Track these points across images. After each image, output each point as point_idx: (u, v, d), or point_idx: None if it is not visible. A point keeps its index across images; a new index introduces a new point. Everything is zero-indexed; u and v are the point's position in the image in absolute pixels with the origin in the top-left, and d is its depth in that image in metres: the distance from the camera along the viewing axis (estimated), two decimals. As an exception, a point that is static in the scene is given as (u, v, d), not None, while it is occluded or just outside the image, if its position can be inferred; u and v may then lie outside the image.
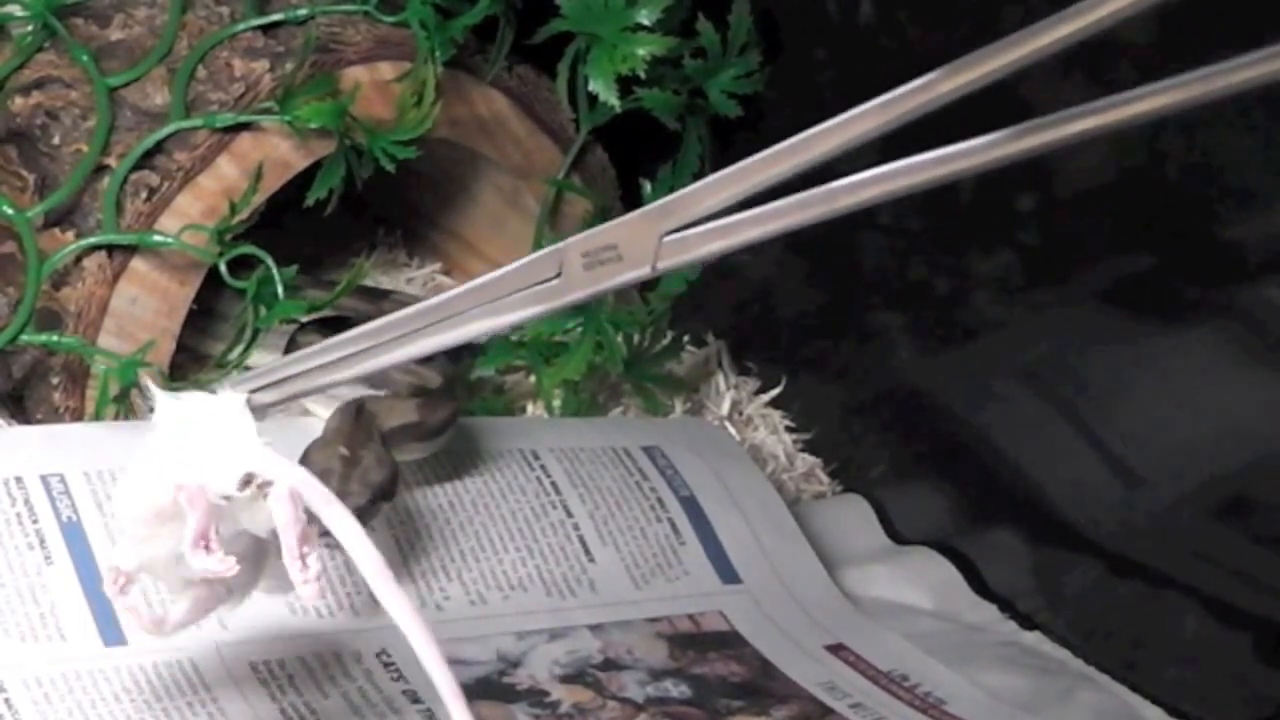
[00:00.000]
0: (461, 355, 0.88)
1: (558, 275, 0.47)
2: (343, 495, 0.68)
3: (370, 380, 0.77)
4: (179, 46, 0.83)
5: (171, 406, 0.52)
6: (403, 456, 0.75)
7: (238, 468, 0.51)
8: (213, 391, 0.53)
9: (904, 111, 0.40)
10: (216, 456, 0.51)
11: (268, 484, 0.51)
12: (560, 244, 0.47)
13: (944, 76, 0.39)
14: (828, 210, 0.43)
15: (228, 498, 0.51)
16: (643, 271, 0.46)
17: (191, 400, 0.52)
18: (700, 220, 0.45)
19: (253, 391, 0.53)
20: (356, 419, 0.73)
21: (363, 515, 0.68)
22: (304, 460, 0.69)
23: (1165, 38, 0.71)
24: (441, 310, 0.50)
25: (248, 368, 0.77)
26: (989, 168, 0.40)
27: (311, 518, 0.51)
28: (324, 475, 0.68)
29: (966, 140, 0.40)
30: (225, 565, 0.51)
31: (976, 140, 0.40)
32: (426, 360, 0.79)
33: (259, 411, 0.52)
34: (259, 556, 0.54)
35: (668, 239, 0.45)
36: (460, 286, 0.50)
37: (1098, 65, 0.72)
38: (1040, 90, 0.69)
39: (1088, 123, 0.39)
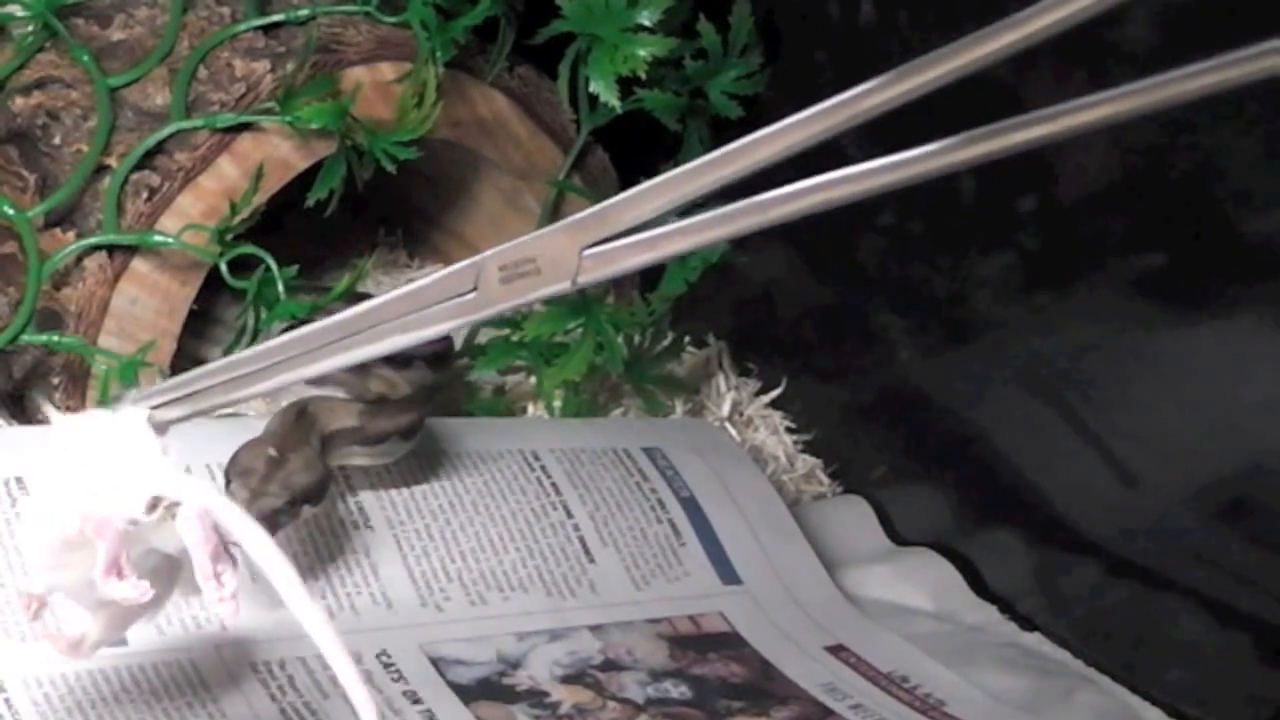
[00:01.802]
0: (448, 360, 0.88)
1: (474, 289, 0.46)
2: (260, 495, 0.67)
3: (343, 381, 0.77)
4: (180, 47, 0.83)
5: (69, 428, 0.50)
6: (344, 461, 0.75)
7: (143, 490, 0.49)
8: (113, 409, 0.51)
9: (839, 120, 0.40)
10: (121, 480, 0.49)
11: (175, 504, 0.49)
12: (478, 257, 0.46)
13: (879, 86, 0.39)
14: (759, 221, 0.42)
15: (135, 522, 0.49)
16: (562, 286, 0.44)
17: (90, 420, 0.50)
18: (624, 233, 0.44)
19: (154, 408, 0.51)
20: (296, 421, 0.72)
21: (280, 516, 0.68)
22: (233, 460, 0.69)
23: (1165, 37, 0.71)
24: (357, 323, 0.48)
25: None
26: (931, 176, 0.39)
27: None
28: (246, 475, 0.68)
29: (910, 149, 0.39)
30: (139, 591, 0.50)
31: (919, 149, 0.39)
32: (403, 365, 0.79)
33: (161, 428, 0.50)
34: (172, 568, 0.53)
35: (589, 252, 0.44)
36: (376, 299, 0.48)
37: (1098, 64, 0.72)
38: (1039, 91, 0.69)
39: (1035, 131, 0.38)
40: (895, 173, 0.39)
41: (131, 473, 0.49)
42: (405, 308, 0.47)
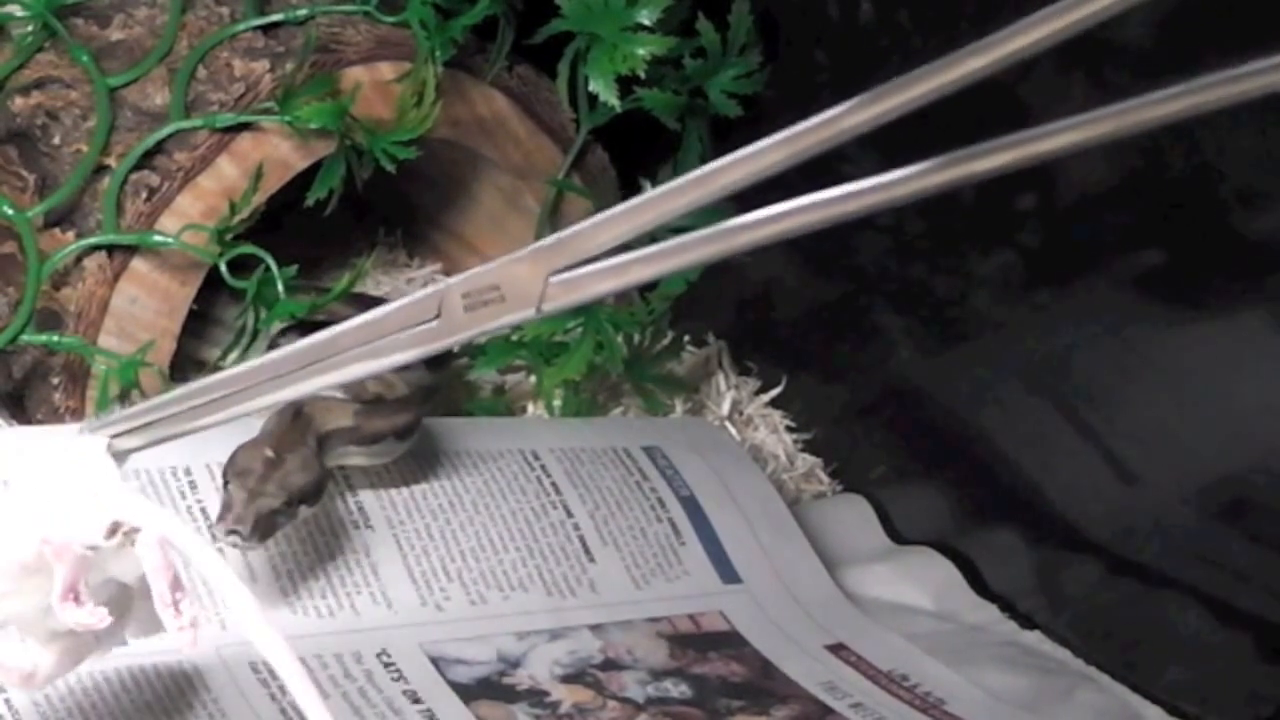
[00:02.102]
0: (446, 361, 0.88)
1: (437, 317, 0.46)
2: (257, 496, 0.67)
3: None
4: (179, 46, 0.83)
5: (27, 451, 0.50)
6: (341, 461, 0.75)
7: (103, 516, 0.49)
8: (72, 434, 0.50)
9: (810, 145, 0.39)
10: (80, 505, 0.49)
11: (135, 530, 0.49)
12: (441, 284, 0.45)
13: (851, 110, 0.39)
14: (726, 248, 0.41)
15: (94, 548, 0.49)
16: (527, 313, 0.44)
17: (49, 445, 0.50)
18: (590, 259, 0.43)
19: (114, 436, 0.51)
20: (293, 421, 0.72)
21: (277, 516, 0.68)
22: (230, 460, 0.69)
23: (1163, 39, 0.71)
24: (319, 351, 0.48)
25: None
26: (902, 202, 0.39)
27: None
28: (243, 475, 0.68)
29: (883, 174, 0.39)
30: (96, 617, 0.49)
31: (894, 174, 0.39)
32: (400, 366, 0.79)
33: (120, 456, 0.50)
34: (124, 602, 0.52)
35: (555, 279, 0.43)
36: (338, 326, 0.48)
37: (1096, 63, 0.72)
38: (1037, 89, 0.69)
39: (1007, 155, 0.38)
40: (869, 197, 0.39)
41: (91, 498, 0.49)
42: (367, 336, 0.46)
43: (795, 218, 0.40)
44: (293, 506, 0.69)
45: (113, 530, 0.49)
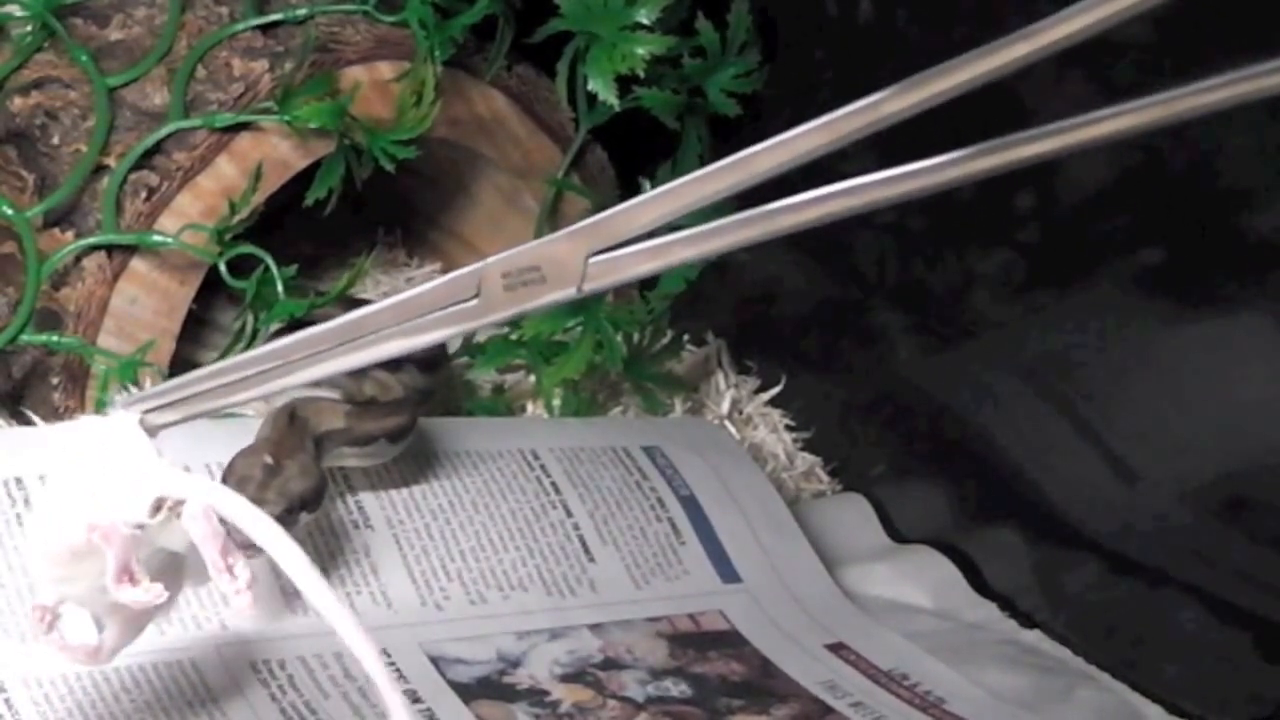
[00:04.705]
0: (441, 364, 0.88)
1: (476, 295, 0.46)
2: (258, 504, 0.67)
3: (338, 382, 0.76)
4: (178, 46, 0.83)
5: (63, 437, 0.50)
6: (336, 463, 0.75)
7: (146, 493, 0.49)
8: (105, 413, 0.50)
9: (848, 131, 0.39)
10: (122, 485, 0.49)
11: (179, 503, 0.49)
12: (480, 263, 0.45)
13: (891, 96, 0.39)
14: (767, 231, 0.41)
15: (141, 525, 0.49)
16: (567, 293, 0.44)
17: (84, 427, 0.50)
18: (630, 240, 0.43)
19: (147, 412, 0.51)
20: (289, 425, 0.71)
21: (278, 525, 0.68)
22: (228, 468, 0.69)
23: (1164, 37, 0.71)
24: (356, 329, 0.48)
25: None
26: (939, 189, 0.39)
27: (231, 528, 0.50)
28: (242, 483, 0.67)
29: (919, 160, 0.39)
30: (153, 594, 0.49)
31: (932, 160, 0.39)
32: (395, 368, 0.79)
33: (153, 431, 0.50)
34: (178, 564, 0.52)
35: (595, 260, 0.43)
36: (374, 305, 0.48)
37: (1095, 59, 0.72)
38: (1035, 86, 0.69)
39: (1047, 144, 0.38)
40: (907, 183, 0.39)
41: (132, 476, 0.49)
42: (405, 314, 0.47)
43: (836, 201, 0.40)
44: (293, 514, 0.69)
45: (157, 507, 0.49)
